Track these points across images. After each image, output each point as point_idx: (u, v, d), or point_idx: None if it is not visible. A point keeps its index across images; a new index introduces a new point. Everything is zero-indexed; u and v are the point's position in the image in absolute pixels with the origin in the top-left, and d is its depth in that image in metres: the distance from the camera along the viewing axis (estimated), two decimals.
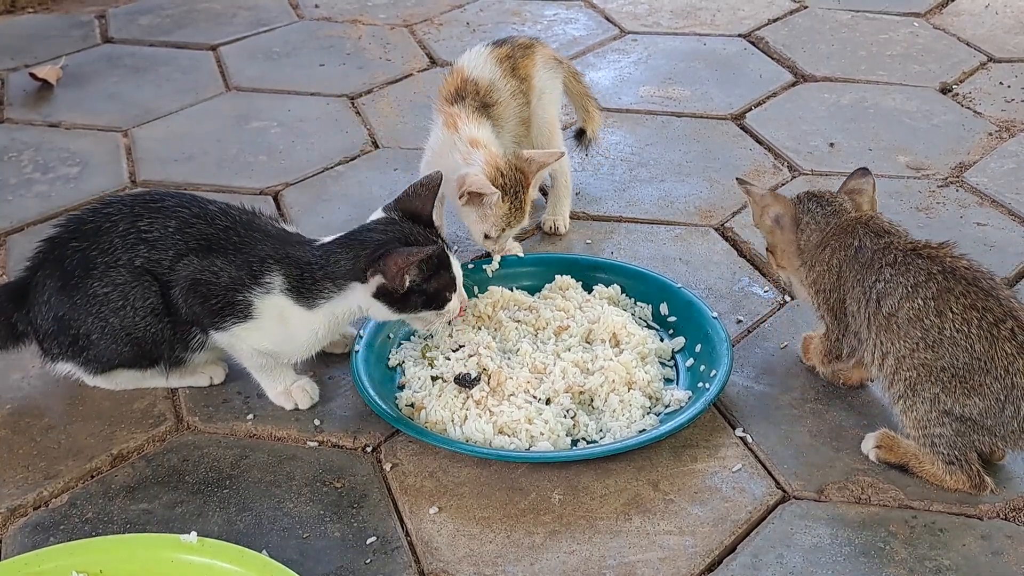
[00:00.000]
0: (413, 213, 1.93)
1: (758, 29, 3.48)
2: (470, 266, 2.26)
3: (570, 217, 2.49)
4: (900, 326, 1.75)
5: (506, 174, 2.14)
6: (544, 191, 2.54)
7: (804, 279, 1.96)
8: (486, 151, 2.17)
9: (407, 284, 1.84)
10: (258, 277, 1.86)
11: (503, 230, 2.18)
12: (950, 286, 1.73)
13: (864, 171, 2.02)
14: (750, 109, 3.00)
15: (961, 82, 3.13)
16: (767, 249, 2.06)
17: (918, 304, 1.74)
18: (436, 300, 1.90)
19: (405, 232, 1.89)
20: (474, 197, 2.14)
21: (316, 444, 1.91)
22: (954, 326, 1.70)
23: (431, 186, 1.94)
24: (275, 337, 1.89)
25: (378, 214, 1.95)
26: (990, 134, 2.85)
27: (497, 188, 2.11)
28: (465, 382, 1.97)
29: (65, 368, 1.97)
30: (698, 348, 2.06)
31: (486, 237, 2.20)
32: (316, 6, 3.71)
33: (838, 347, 1.92)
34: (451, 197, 2.20)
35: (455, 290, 1.92)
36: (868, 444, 1.85)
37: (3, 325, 1.96)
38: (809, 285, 1.94)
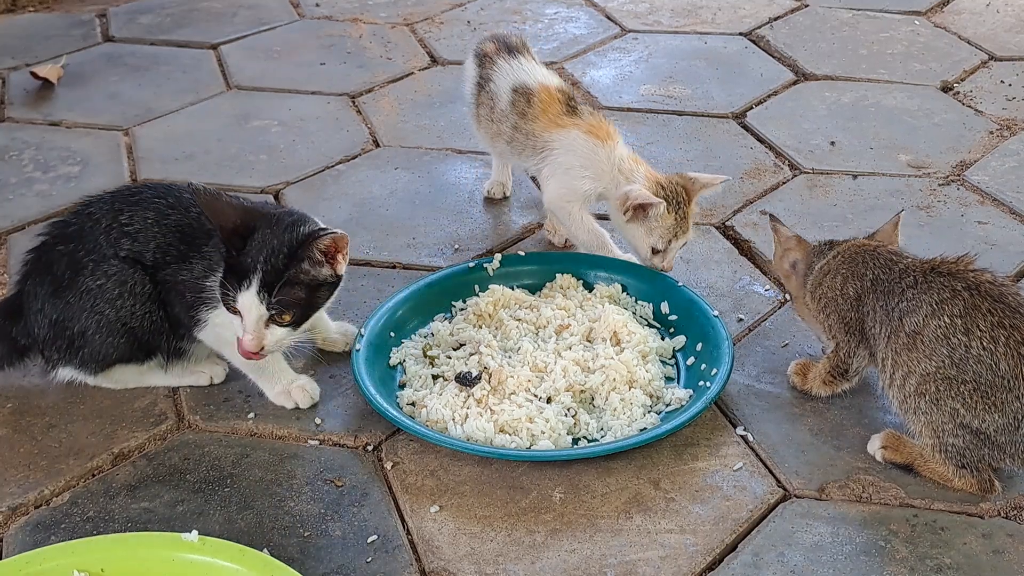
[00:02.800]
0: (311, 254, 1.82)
1: (759, 28, 3.47)
2: (471, 265, 2.26)
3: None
4: (926, 344, 1.73)
5: (667, 187, 2.16)
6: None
7: (811, 306, 1.95)
8: (644, 167, 2.20)
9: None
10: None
11: (670, 241, 2.17)
12: (977, 303, 1.72)
13: (898, 215, 2.01)
14: (751, 108, 3.00)
15: (962, 80, 3.12)
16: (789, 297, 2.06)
17: (945, 322, 1.72)
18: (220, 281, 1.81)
19: (271, 230, 1.81)
20: (639, 211, 2.15)
21: (317, 443, 1.91)
22: (981, 344, 1.69)
23: (336, 248, 1.83)
24: None
25: (301, 227, 1.84)
26: (991, 132, 2.85)
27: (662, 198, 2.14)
28: (466, 381, 1.97)
29: (66, 373, 1.97)
30: (699, 347, 2.06)
31: (654, 252, 2.19)
32: (317, 5, 3.71)
33: (847, 363, 1.90)
34: (614, 215, 2.21)
35: (233, 311, 1.79)
36: (874, 444, 1.85)
37: (5, 341, 1.96)
38: (819, 311, 1.93)
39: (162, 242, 1.90)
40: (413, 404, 1.97)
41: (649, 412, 1.95)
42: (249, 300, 1.75)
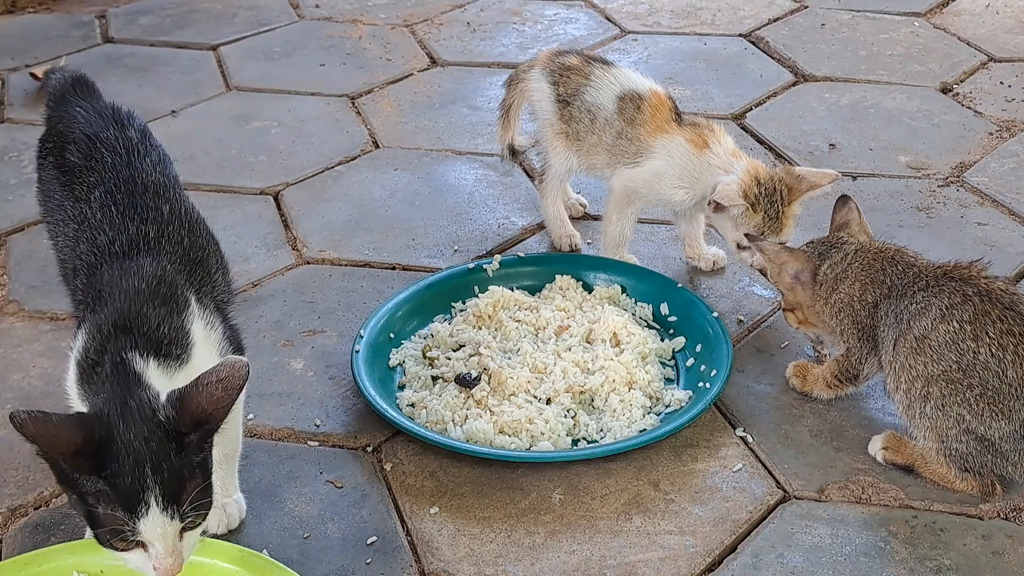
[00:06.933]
0: (195, 418, 1.38)
1: (758, 29, 3.47)
2: (470, 266, 2.26)
3: (570, 217, 2.48)
4: (934, 349, 1.72)
5: (764, 184, 2.09)
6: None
7: (823, 313, 1.93)
8: (748, 161, 2.13)
9: (60, 465, 1.37)
10: None
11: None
12: (987, 309, 1.71)
13: (845, 199, 2.00)
14: (751, 109, 2.99)
15: (961, 82, 3.12)
16: (784, 308, 2.03)
17: (954, 327, 1.71)
18: (96, 529, 1.39)
19: (129, 433, 1.36)
20: (719, 207, 2.12)
21: (317, 444, 1.91)
22: (990, 351, 1.69)
23: (231, 386, 1.38)
24: None
25: (160, 400, 1.41)
26: (990, 134, 2.85)
27: (750, 199, 2.07)
28: (466, 382, 1.97)
29: None
30: (698, 348, 2.06)
31: (739, 247, 2.15)
32: (317, 6, 3.71)
33: (857, 368, 1.89)
34: (703, 205, 2.18)
35: (133, 545, 1.38)
36: (875, 446, 1.85)
37: None
38: (833, 315, 1.91)
39: None
40: (413, 405, 1.97)
41: (649, 413, 1.95)
42: (157, 524, 1.36)
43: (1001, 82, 3.11)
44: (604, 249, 2.31)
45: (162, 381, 1.45)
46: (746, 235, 2.08)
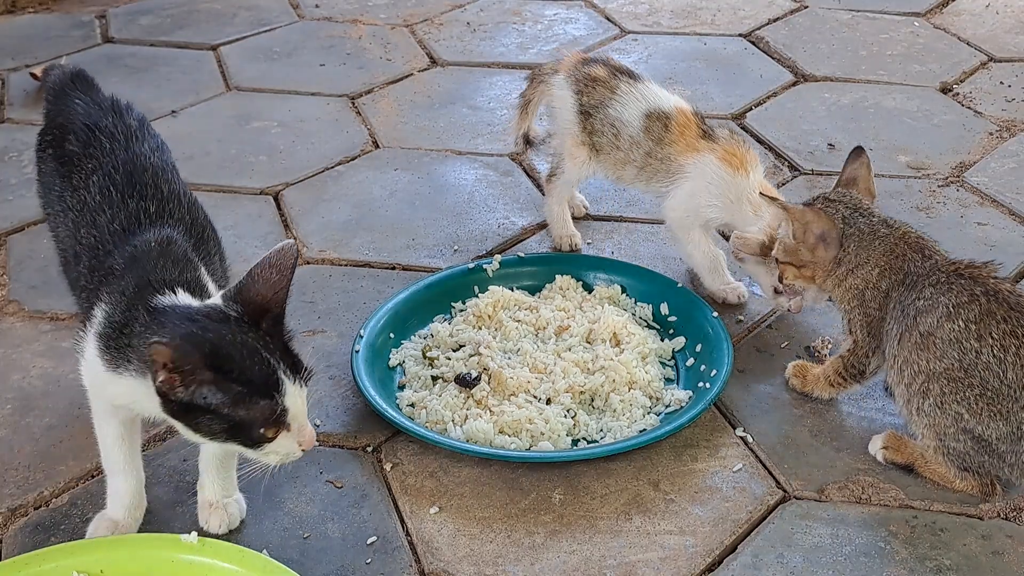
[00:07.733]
0: (259, 307, 1.46)
1: (758, 29, 3.47)
2: (470, 266, 2.26)
3: (572, 217, 2.48)
4: (938, 346, 1.72)
5: None
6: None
7: (833, 292, 1.91)
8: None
9: (178, 395, 1.41)
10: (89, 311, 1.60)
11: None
12: (992, 309, 1.71)
13: (859, 152, 1.96)
14: (750, 109, 2.99)
15: (961, 82, 3.12)
16: (781, 261, 1.97)
17: (959, 326, 1.71)
18: (244, 433, 1.45)
19: (227, 334, 1.42)
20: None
21: (317, 444, 1.91)
22: (992, 351, 1.69)
23: (284, 266, 1.46)
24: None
25: (215, 301, 1.49)
26: (990, 134, 2.85)
27: (767, 252, 2.03)
28: (466, 382, 1.97)
29: None
30: (698, 348, 2.06)
31: (776, 292, 2.10)
32: (316, 6, 3.71)
33: (863, 363, 1.88)
34: (732, 248, 2.15)
35: (281, 427, 1.46)
36: (875, 445, 1.85)
37: None
38: (842, 300, 1.89)
39: None
40: (413, 405, 1.97)
41: (649, 413, 1.95)
42: (297, 395, 1.46)
43: (1001, 82, 3.11)
44: (708, 284, 2.23)
45: None
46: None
